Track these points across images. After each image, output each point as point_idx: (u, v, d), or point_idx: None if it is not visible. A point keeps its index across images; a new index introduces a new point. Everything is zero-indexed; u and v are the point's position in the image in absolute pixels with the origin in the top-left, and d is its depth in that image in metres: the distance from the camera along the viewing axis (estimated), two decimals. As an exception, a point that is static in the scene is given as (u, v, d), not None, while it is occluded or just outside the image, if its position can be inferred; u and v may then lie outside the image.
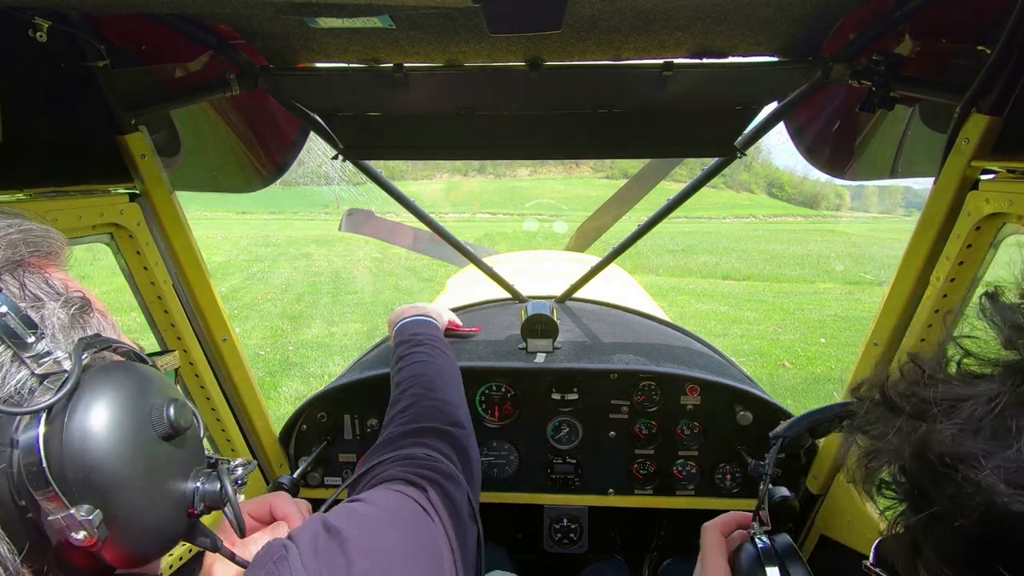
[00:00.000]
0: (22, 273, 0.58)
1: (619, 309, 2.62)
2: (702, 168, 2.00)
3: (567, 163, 50.52)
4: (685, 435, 1.89)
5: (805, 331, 9.76)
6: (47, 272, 0.61)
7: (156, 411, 0.58)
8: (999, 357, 0.46)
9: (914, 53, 1.27)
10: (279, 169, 1.93)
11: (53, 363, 0.54)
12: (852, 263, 17.57)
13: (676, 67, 1.38)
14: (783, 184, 59.46)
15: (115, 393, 0.55)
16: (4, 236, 0.58)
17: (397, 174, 36.09)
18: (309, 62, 1.48)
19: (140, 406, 0.56)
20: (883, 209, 56.65)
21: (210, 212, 29.55)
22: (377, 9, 1.09)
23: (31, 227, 0.61)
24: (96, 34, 1.21)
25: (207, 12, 1.23)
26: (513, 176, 56.48)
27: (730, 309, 11.49)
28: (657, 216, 2.12)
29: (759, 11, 1.17)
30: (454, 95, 1.57)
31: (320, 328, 9.70)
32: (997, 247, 1.19)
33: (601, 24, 1.21)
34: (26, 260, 0.59)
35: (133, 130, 1.33)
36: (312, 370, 7.49)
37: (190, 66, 1.45)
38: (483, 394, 1.92)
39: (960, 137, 1.14)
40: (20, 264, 0.58)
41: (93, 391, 0.54)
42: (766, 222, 41.01)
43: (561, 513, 2.13)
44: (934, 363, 0.51)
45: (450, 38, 1.28)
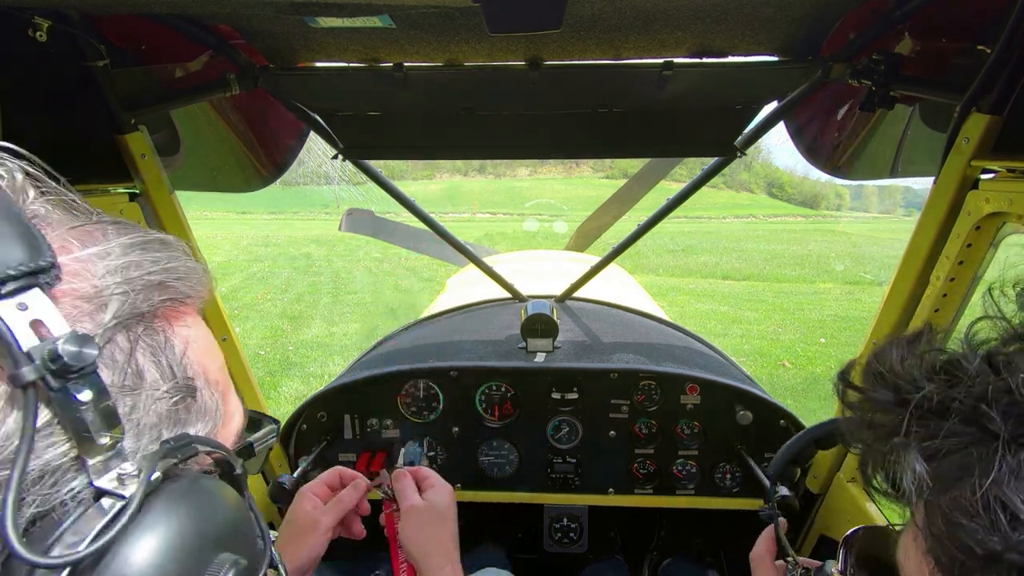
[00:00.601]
0: (140, 331, 0.46)
1: (619, 309, 2.62)
2: (702, 168, 2.00)
3: (567, 163, 50.53)
4: (685, 435, 1.89)
5: (805, 331, 9.76)
6: (172, 329, 0.49)
7: (212, 574, 0.45)
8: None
9: (914, 53, 1.27)
10: (279, 169, 1.93)
11: (116, 479, 0.41)
12: (852, 263, 17.58)
13: (676, 67, 1.38)
14: (783, 184, 59.48)
15: (169, 540, 0.42)
16: (142, 276, 0.46)
17: (397, 174, 36.11)
18: (309, 62, 1.48)
19: (197, 562, 0.44)
20: (883, 209, 56.68)
21: (210, 212, 29.55)
22: (377, 9, 1.09)
23: (176, 265, 0.49)
24: (96, 34, 1.21)
25: (207, 12, 1.23)
26: (513, 176, 56.49)
27: (730, 309, 11.49)
28: (657, 216, 2.12)
29: (759, 11, 1.17)
30: (454, 95, 1.57)
31: (320, 328, 9.70)
32: (997, 247, 1.19)
33: (601, 24, 1.21)
34: (154, 311, 0.47)
35: (133, 130, 1.33)
36: (312, 370, 7.49)
37: (190, 66, 1.45)
38: (483, 394, 1.92)
39: (960, 137, 1.13)
40: (144, 318, 0.46)
41: (144, 534, 0.41)
42: (766, 222, 41.03)
43: (561, 513, 2.13)
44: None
45: (450, 38, 1.28)
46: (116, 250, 0.45)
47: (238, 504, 0.49)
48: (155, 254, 0.48)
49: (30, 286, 0.38)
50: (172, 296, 0.48)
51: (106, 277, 0.44)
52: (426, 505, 1.20)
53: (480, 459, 1.94)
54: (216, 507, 0.47)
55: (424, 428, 1.93)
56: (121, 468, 0.42)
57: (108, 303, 0.43)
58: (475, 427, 1.93)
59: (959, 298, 1.27)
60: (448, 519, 1.20)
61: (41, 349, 0.37)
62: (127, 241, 0.47)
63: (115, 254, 0.45)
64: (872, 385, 0.55)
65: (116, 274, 0.44)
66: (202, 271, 0.51)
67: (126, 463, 0.42)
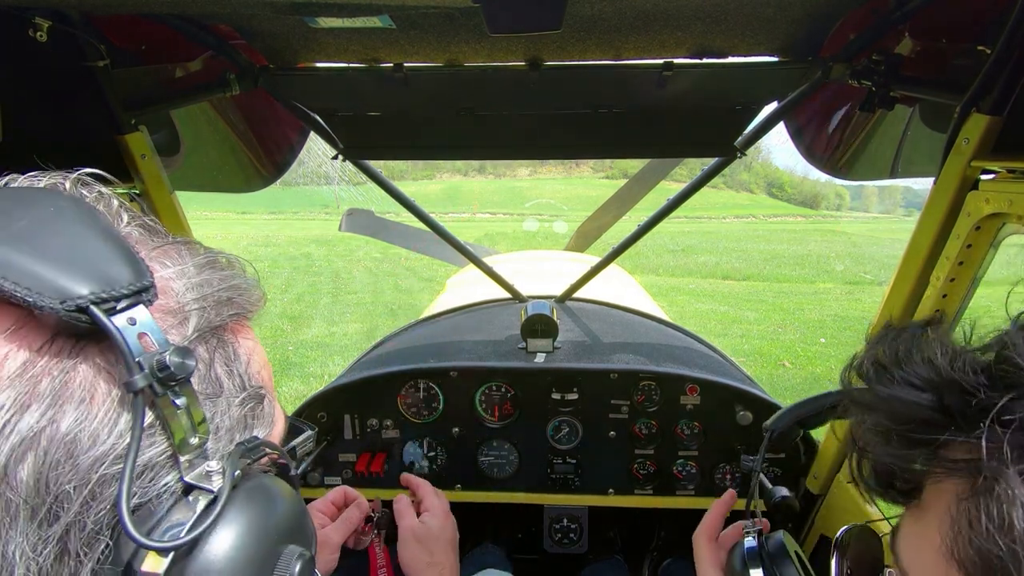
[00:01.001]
0: (215, 344, 0.50)
1: (619, 309, 2.62)
2: (702, 168, 2.00)
3: (567, 163, 50.57)
4: (685, 435, 1.89)
5: (805, 331, 9.77)
6: (238, 341, 0.54)
7: (283, 563, 0.49)
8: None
9: (914, 53, 1.27)
10: (279, 169, 1.93)
11: (203, 474, 0.46)
12: (852, 263, 17.58)
13: (676, 67, 1.38)
14: (783, 184, 59.55)
15: (250, 532, 0.47)
16: (214, 293, 0.51)
17: (397, 174, 36.14)
18: (309, 62, 1.48)
19: (270, 553, 0.48)
20: (883, 209, 56.75)
21: (210, 212, 29.56)
22: (377, 9, 1.09)
23: (239, 283, 0.54)
24: (96, 34, 1.21)
25: (207, 12, 1.23)
26: (513, 176, 56.53)
27: (730, 309, 11.50)
28: (657, 216, 2.12)
29: (759, 11, 1.17)
30: (454, 95, 1.57)
31: (320, 328, 9.70)
32: (997, 247, 1.19)
33: (601, 24, 1.21)
34: (224, 325, 0.52)
35: (133, 130, 1.33)
36: (312, 370, 7.49)
37: (190, 66, 1.45)
38: (483, 394, 1.92)
39: (960, 137, 1.13)
40: (216, 331, 0.51)
41: (230, 525, 0.46)
42: (766, 222, 41.05)
43: (561, 513, 2.13)
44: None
45: (450, 38, 1.28)
46: (191, 269, 0.51)
47: (298, 501, 0.54)
48: (222, 272, 0.53)
49: (137, 303, 0.43)
50: (237, 311, 0.53)
51: (185, 294, 0.49)
52: (421, 526, 1.25)
53: (480, 459, 1.94)
54: (283, 503, 0.51)
55: (424, 428, 1.93)
56: (208, 466, 0.46)
57: (189, 317, 0.48)
58: (475, 427, 1.93)
59: (959, 299, 1.27)
60: (442, 539, 1.25)
61: (150, 359, 0.42)
62: (201, 261, 0.52)
63: (191, 273, 0.50)
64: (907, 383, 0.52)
65: (193, 291, 0.50)
66: (256, 284, 0.56)
67: (211, 462, 0.47)
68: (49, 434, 0.40)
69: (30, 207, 0.45)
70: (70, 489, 0.40)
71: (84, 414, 0.41)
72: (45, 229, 0.43)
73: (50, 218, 0.44)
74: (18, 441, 0.39)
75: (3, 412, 0.39)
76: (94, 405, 0.42)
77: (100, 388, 0.42)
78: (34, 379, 0.40)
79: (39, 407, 0.40)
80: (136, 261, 0.45)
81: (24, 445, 0.39)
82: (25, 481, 0.39)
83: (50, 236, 0.43)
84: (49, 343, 0.41)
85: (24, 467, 0.39)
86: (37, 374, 0.40)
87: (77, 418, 0.41)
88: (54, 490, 0.40)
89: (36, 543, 0.39)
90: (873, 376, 0.55)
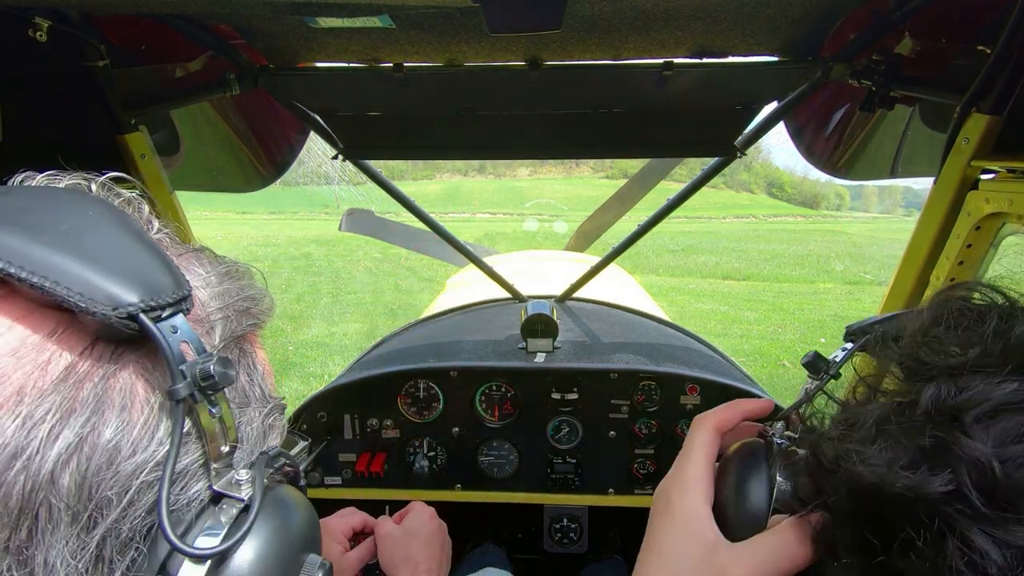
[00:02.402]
0: (238, 354, 0.51)
1: (619, 309, 2.62)
2: (702, 168, 2.00)
3: (567, 163, 50.59)
4: (685, 435, 1.88)
5: (805, 331, 9.77)
6: (255, 351, 0.54)
7: (306, 573, 0.50)
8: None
9: (914, 53, 1.27)
10: (279, 169, 1.93)
11: (232, 482, 0.46)
12: (852, 263, 17.58)
13: (676, 67, 1.38)
14: (783, 184, 59.57)
15: (278, 541, 0.48)
16: (234, 303, 0.51)
17: (397, 174, 36.15)
18: (309, 62, 1.48)
19: (295, 562, 0.49)
20: (883, 209, 56.80)
21: (210, 212, 29.56)
22: (377, 9, 1.09)
23: (254, 293, 0.54)
24: (96, 34, 1.21)
25: (207, 12, 1.23)
26: (513, 176, 56.55)
27: (730, 309, 11.50)
28: (657, 216, 2.12)
29: (759, 11, 1.17)
30: (454, 95, 1.57)
31: (320, 328, 9.70)
32: (997, 247, 1.19)
33: (601, 24, 1.21)
34: (245, 335, 0.52)
35: (133, 130, 1.33)
36: (312, 370, 7.49)
37: (190, 66, 1.45)
38: (483, 394, 1.92)
39: (960, 137, 1.13)
40: (238, 341, 0.51)
41: (261, 534, 0.46)
42: (766, 222, 41.03)
43: (561, 513, 2.13)
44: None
45: (450, 38, 1.28)
46: (214, 279, 0.51)
47: (312, 510, 0.54)
48: (240, 282, 0.53)
49: (177, 311, 0.43)
50: (254, 321, 0.53)
51: (210, 303, 0.50)
52: (396, 528, 1.27)
53: (480, 459, 1.94)
54: (303, 513, 0.52)
55: (424, 428, 1.93)
56: (238, 475, 0.47)
57: (214, 327, 0.49)
58: (475, 427, 1.93)
59: (959, 298, 1.27)
60: (420, 537, 1.25)
61: (192, 367, 0.42)
62: (221, 270, 0.52)
63: (213, 282, 0.51)
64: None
65: (217, 300, 0.50)
66: (268, 296, 0.56)
67: (240, 471, 0.47)
68: (92, 441, 0.40)
69: (68, 210, 0.45)
70: (111, 495, 0.40)
71: (125, 421, 0.41)
72: (90, 234, 0.43)
73: (93, 223, 0.44)
74: (64, 447, 0.39)
75: (49, 417, 0.38)
76: (134, 412, 0.42)
77: (139, 394, 0.42)
78: (77, 384, 0.40)
79: (83, 413, 0.40)
80: (175, 270, 0.45)
81: (69, 451, 0.39)
82: (68, 487, 0.39)
83: (95, 241, 0.43)
84: (90, 348, 0.41)
85: (67, 473, 0.39)
86: (80, 379, 0.40)
87: (119, 425, 0.41)
88: (96, 497, 0.40)
89: (76, 550, 0.39)
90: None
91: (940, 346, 0.51)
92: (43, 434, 0.38)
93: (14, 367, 0.39)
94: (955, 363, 0.48)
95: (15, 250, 0.39)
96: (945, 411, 0.46)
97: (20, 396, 0.38)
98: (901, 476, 0.45)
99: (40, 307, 0.41)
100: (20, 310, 0.40)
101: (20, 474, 0.37)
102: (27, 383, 0.38)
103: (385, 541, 1.24)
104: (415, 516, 1.29)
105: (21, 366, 0.39)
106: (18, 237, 0.40)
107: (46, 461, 0.38)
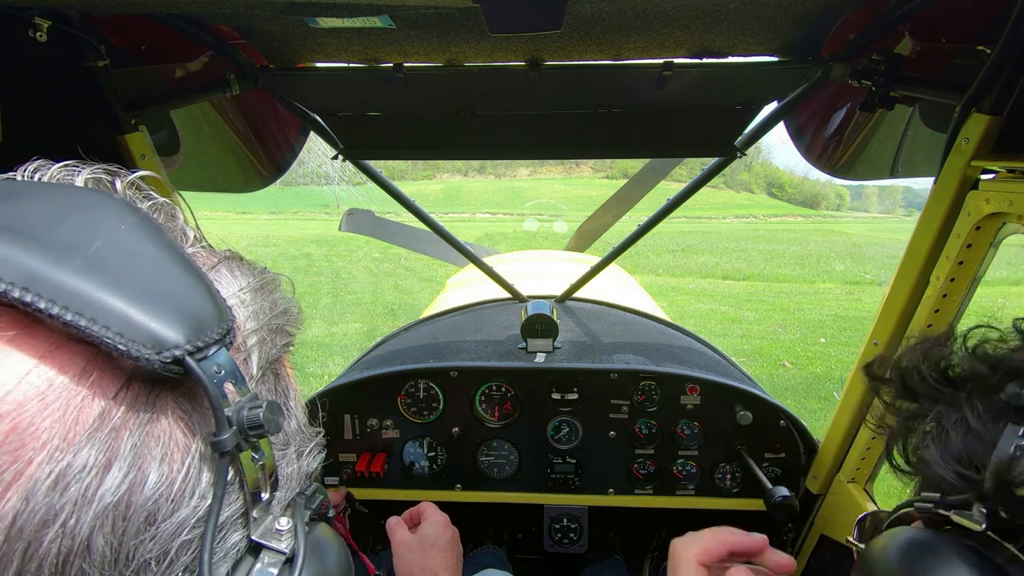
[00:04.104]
0: (274, 382, 0.46)
1: (619, 309, 2.62)
2: (702, 168, 2.00)
3: (567, 163, 50.59)
4: (685, 435, 1.89)
5: (805, 331, 9.76)
6: (289, 374, 0.49)
7: None
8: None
9: (914, 53, 1.27)
10: (279, 169, 1.93)
11: (271, 530, 0.42)
12: (852, 263, 17.57)
13: (676, 67, 1.38)
14: (783, 184, 59.58)
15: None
16: (268, 322, 0.45)
17: (397, 174, 36.16)
18: (309, 62, 1.48)
19: None
20: (883, 209, 56.81)
21: (210, 212, 29.51)
22: (377, 9, 1.09)
23: (288, 307, 0.48)
24: (96, 34, 1.21)
25: (207, 12, 1.23)
26: (513, 176, 56.54)
27: (730, 309, 11.49)
28: (657, 216, 2.12)
29: (759, 11, 1.17)
30: (454, 95, 1.57)
31: (320, 328, 9.69)
32: (997, 247, 1.19)
33: (601, 24, 1.21)
34: (280, 358, 0.47)
35: (133, 130, 1.33)
36: (312, 370, 7.49)
37: (190, 66, 1.45)
38: (483, 394, 1.92)
39: (960, 137, 1.13)
40: (274, 366, 0.46)
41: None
42: (766, 222, 41.05)
43: (561, 513, 2.13)
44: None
45: (450, 38, 1.28)
46: (248, 296, 0.45)
47: (346, 545, 0.51)
48: (272, 296, 0.47)
49: (222, 347, 0.38)
50: (288, 340, 0.48)
51: (245, 325, 0.44)
52: (413, 537, 1.26)
53: (480, 459, 1.94)
54: (342, 553, 0.48)
55: (424, 428, 1.93)
56: (278, 524, 0.42)
57: (251, 353, 0.43)
58: (475, 427, 1.93)
59: (959, 298, 1.27)
60: (437, 545, 1.25)
61: (239, 413, 0.38)
62: (254, 283, 0.46)
63: (247, 300, 0.45)
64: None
65: (252, 320, 0.44)
66: (297, 305, 0.51)
67: (282, 518, 0.43)
68: (130, 499, 0.35)
69: (98, 223, 0.38)
70: (151, 560, 0.36)
71: (165, 474, 0.36)
72: (125, 257, 0.37)
73: (127, 241, 0.38)
74: (101, 509, 0.33)
75: (86, 474, 0.33)
76: (174, 463, 0.37)
77: (179, 443, 0.37)
78: (113, 434, 0.35)
79: (121, 467, 0.34)
80: (219, 299, 0.40)
81: (106, 512, 0.34)
82: (103, 552, 0.34)
83: (132, 266, 0.37)
84: (125, 389, 0.36)
85: (103, 536, 0.34)
86: (116, 428, 0.35)
87: (158, 480, 0.36)
88: (134, 564, 0.35)
89: None
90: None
91: None
92: (78, 495, 0.33)
93: (43, 414, 0.33)
94: None
95: (42, 277, 0.33)
96: None
97: (51, 451, 0.33)
98: None
99: (66, 341, 0.35)
100: (44, 345, 0.34)
101: (53, 543, 0.32)
102: (58, 434, 0.33)
103: (401, 550, 1.23)
104: (430, 525, 1.28)
105: (50, 413, 0.33)
106: (44, 259, 0.34)
107: (81, 527, 0.33)
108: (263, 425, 0.39)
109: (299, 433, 0.48)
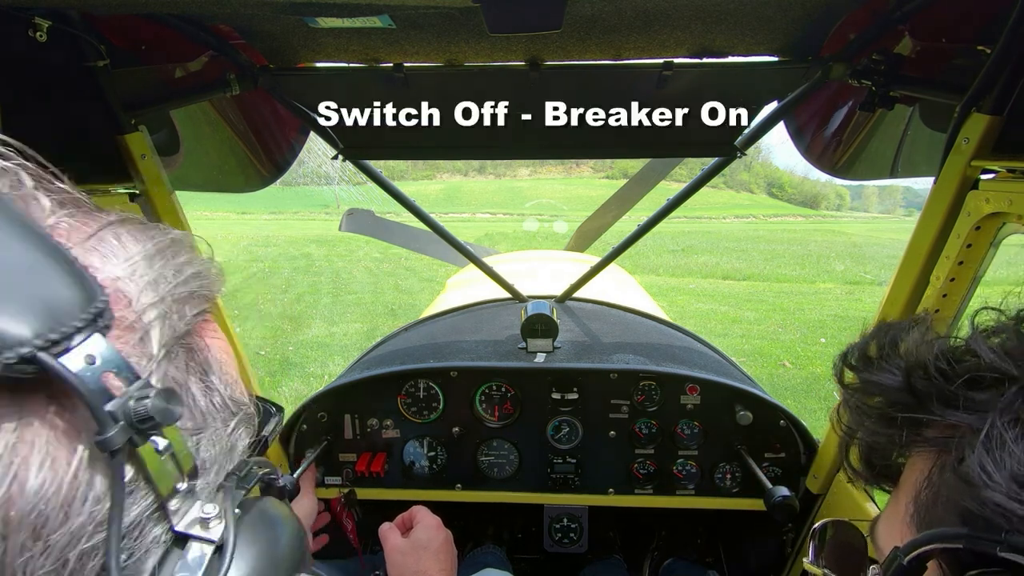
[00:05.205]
0: (184, 358, 0.41)
1: (619, 309, 2.62)
2: (702, 168, 2.00)
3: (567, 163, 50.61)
4: (685, 435, 1.89)
5: (805, 331, 9.76)
6: (206, 344, 0.44)
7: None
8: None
9: (914, 53, 1.27)
10: (279, 169, 1.92)
11: (197, 520, 0.39)
12: (852, 263, 17.57)
13: (676, 67, 1.38)
14: (783, 184, 59.60)
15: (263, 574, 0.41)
16: (171, 291, 0.40)
17: (397, 174, 36.18)
18: (309, 62, 1.48)
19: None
20: (883, 209, 56.85)
21: (210, 212, 29.60)
22: (377, 9, 1.09)
23: (198, 269, 0.43)
24: (96, 34, 1.21)
25: (207, 12, 1.23)
26: (513, 176, 56.55)
27: (730, 309, 11.49)
28: (657, 216, 2.12)
29: (759, 11, 1.17)
30: (454, 95, 1.57)
31: (320, 328, 9.70)
32: (997, 247, 1.19)
33: (601, 24, 1.21)
34: (192, 329, 0.42)
35: (133, 130, 1.33)
36: (312, 370, 7.49)
37: (190, 66, 1.45)
38: (483, 394, 1.92)
39: (960, 137, 1.13)
40: (183, 340, 0.41)
41: (241, 574, 0.40)
42: (766, 222, 41.07)
43: (561, 513, 2.13)
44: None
45: (450, 38, 1.28)
46: (140, 263, 0.39)
47: (295, 521, 0.48)
48: (176, 260, 0.41)
49: (92, 333, 0.34)
50: (202, 307, 0.43)
51: (140, 299, 0.38)
52: (406, 541, 1.26)
53: (480, 459, 1.94)
54: (286, 530, 0.45)
55: (424, 428, 1.93)
56: (203, 511, 0.39)
57: (150, 331, 0.38)
58: (475, 427, 1.93)
59: (959, 298, 1.27)
60: (430, 549, 1.25)
61: (123, 406, 0.34)
62: (150, 249, 0.41)
63: (141, 268, 0.39)
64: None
65: (149, 292, 0.39)
66: (214, 264, 0.46)
67: (208, 504, 0.40)
68: (7, 514, 0.31)
69: None
70: (46, 575, 0.32)
71: (49, 481, 0.32)
72: None
73: None
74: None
75: None
76: (59, 468, 0.33)
77: (62, 447, 0.33)
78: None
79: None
80: (83, 276, 0.35)
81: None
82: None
83: None
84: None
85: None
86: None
87: (39, 488, 0.32)
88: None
89: None
90: (860, 365, 0.61)
91: None
92: None
93: None
94: None
95: None
96: None
97: None
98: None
99: None
100: None
101: None
102: None
103: (394, 555, 1.23)
104: (423, 528, 1.28)
105: None
106: None
107: None
108: (152, 417, 0.34)
109: (224, 409, 0.43)
